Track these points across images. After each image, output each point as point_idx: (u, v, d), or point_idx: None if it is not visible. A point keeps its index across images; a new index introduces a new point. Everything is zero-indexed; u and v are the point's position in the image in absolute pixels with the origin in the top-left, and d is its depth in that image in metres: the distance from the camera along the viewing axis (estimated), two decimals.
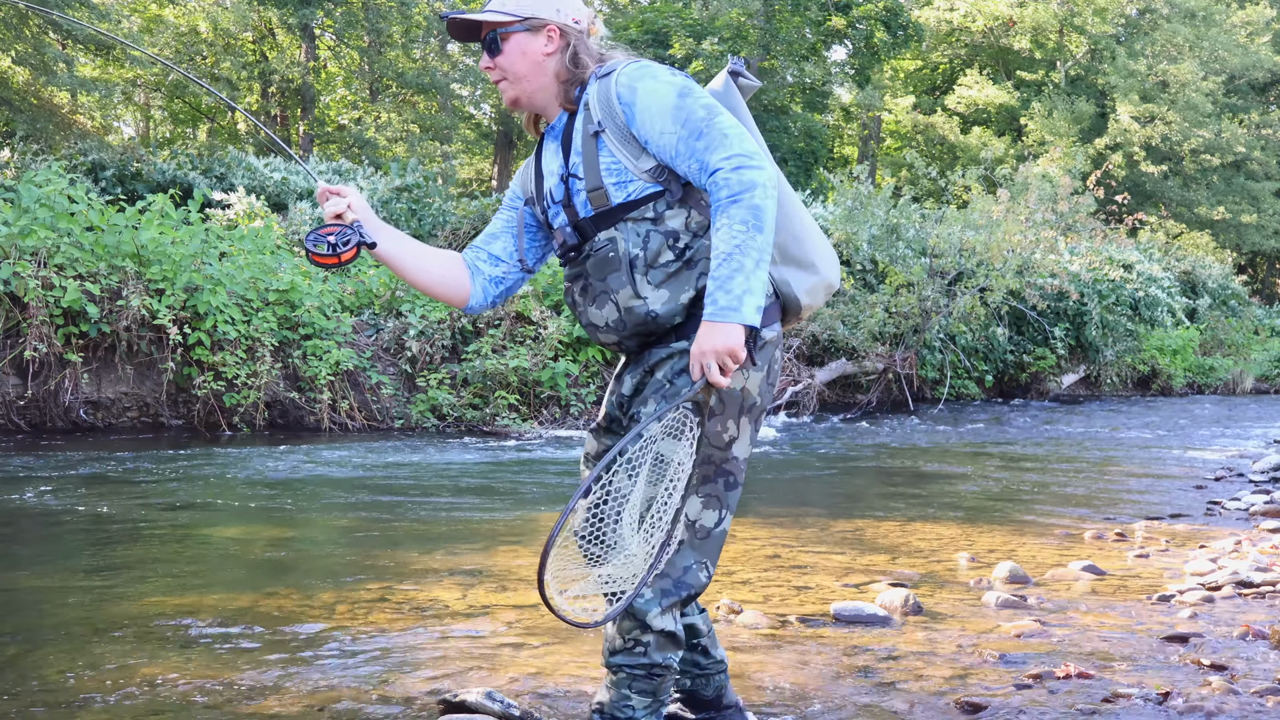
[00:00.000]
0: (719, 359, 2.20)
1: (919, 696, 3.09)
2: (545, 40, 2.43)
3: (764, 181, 2.20)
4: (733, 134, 2.25)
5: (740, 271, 2.17)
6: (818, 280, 2.45)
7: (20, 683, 3.10)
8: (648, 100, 2.31)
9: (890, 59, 31.54)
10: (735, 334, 2.19)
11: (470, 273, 2.62)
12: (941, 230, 16.55)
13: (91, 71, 23.94)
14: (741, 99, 2.49)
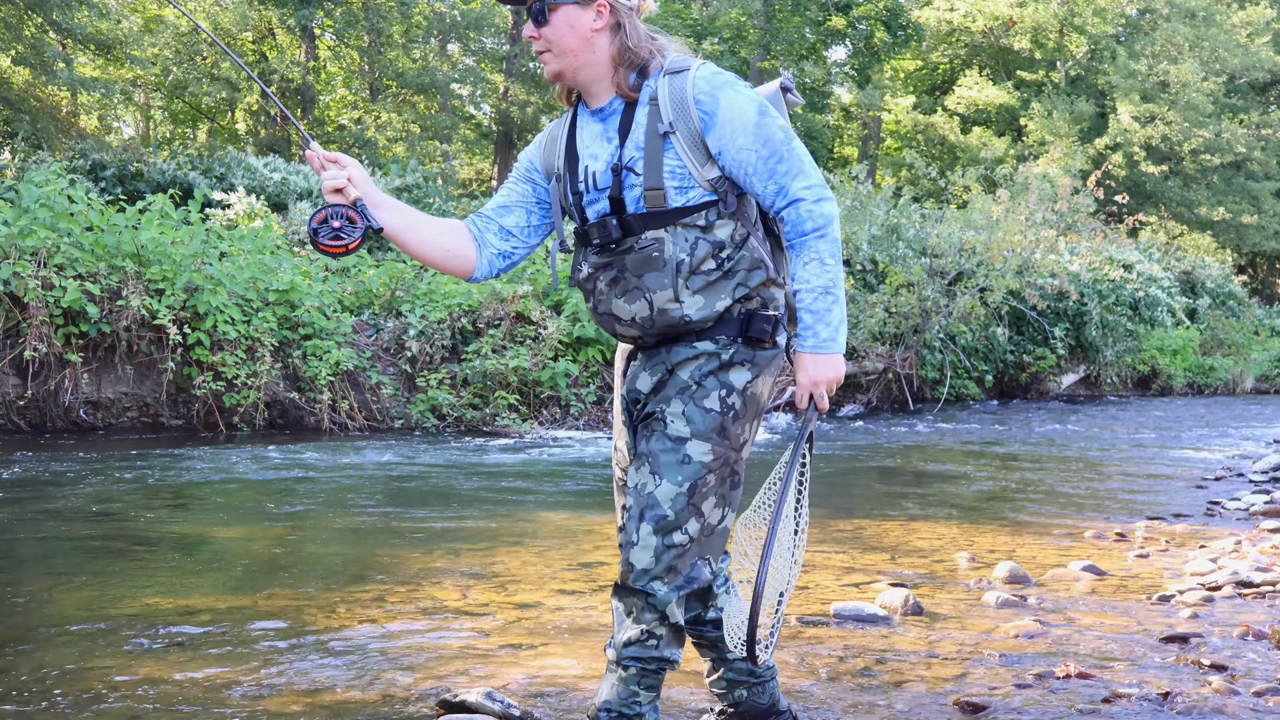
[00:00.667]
0: (829, 387, 2.37)
1: (919, 696, 3.09)
2: (595, 15, 2.36)
3: (837, 215, 2.33)
4: (808, 162, 2.33)
5: (837, 304, 2.33)
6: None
7: (20, 683, 3.10)
8: (731, 113, 2.31)
9: (890, 59, 31.55)
10: (839, 363, 2.36)
11: (476, 244, 2.56)
12: (941, 230, 16.56)
13: (92, 71, 23.94)
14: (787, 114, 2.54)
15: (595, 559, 4.95)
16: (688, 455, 2.37)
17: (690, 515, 2.37)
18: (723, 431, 2.38)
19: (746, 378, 2.40)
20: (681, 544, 2.37)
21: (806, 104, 29.45)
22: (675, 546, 2.36)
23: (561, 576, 4.57)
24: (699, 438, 2.37)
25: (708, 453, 2.37)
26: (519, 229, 2.57)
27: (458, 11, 29.71)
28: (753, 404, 2.41)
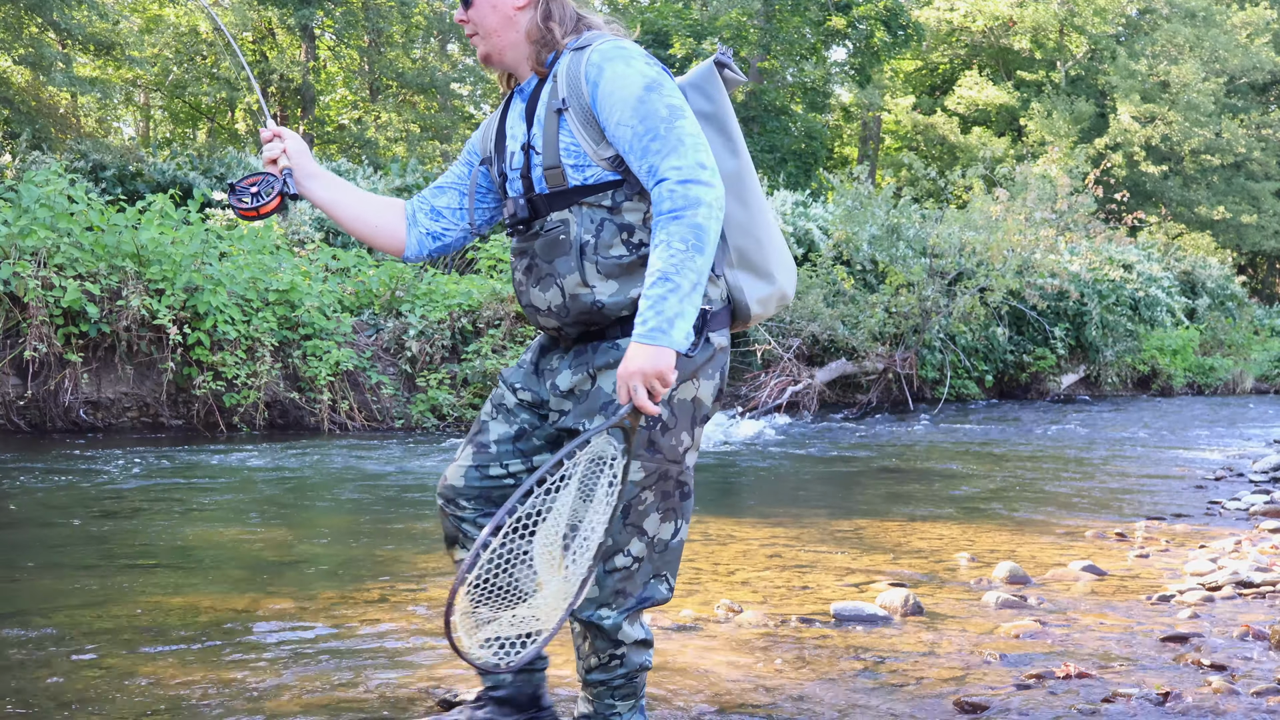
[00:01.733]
0: (647, 382, 2.08)
1: (919, 696, 3.09)
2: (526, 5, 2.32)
3: (710, 200, 2.09)
4: (689, 141, 2.12)
5: (675, 293, 2.06)
6: (773, 291, 2.35)
7: (20, 683, 3.10)
8: (612, 85, 2.18)
9: (890, 59, 31.54)
10: (665, 357, 2.07)
11: (408, 223, 2.52)
12: (941, 230, 16.56)
13: (91, 71, 23.95)
14: (725, 92, 2.34)
15: None
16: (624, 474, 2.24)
17: (631, 536, 2.28)
18: (652, 447, 2.26)
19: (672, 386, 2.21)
20: (625, 567, 2.29)
21: (806, 104, 29.47)
22: (618, 570, 2.29)
23: None
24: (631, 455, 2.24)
25: (638, 470, 2.26)
26: (449, 210, 2.52)
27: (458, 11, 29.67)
28: (686, 411, 2.27)
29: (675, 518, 2.33)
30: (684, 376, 2.24)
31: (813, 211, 19.31)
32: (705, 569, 4.80)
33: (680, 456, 2.30)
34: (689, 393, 2.27)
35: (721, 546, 5.33)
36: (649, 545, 2.30)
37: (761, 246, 2.32)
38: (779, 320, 15.66)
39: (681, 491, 2.32)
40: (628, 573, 2.29)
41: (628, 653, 2.35)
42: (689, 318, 2.07)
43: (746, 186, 2.31)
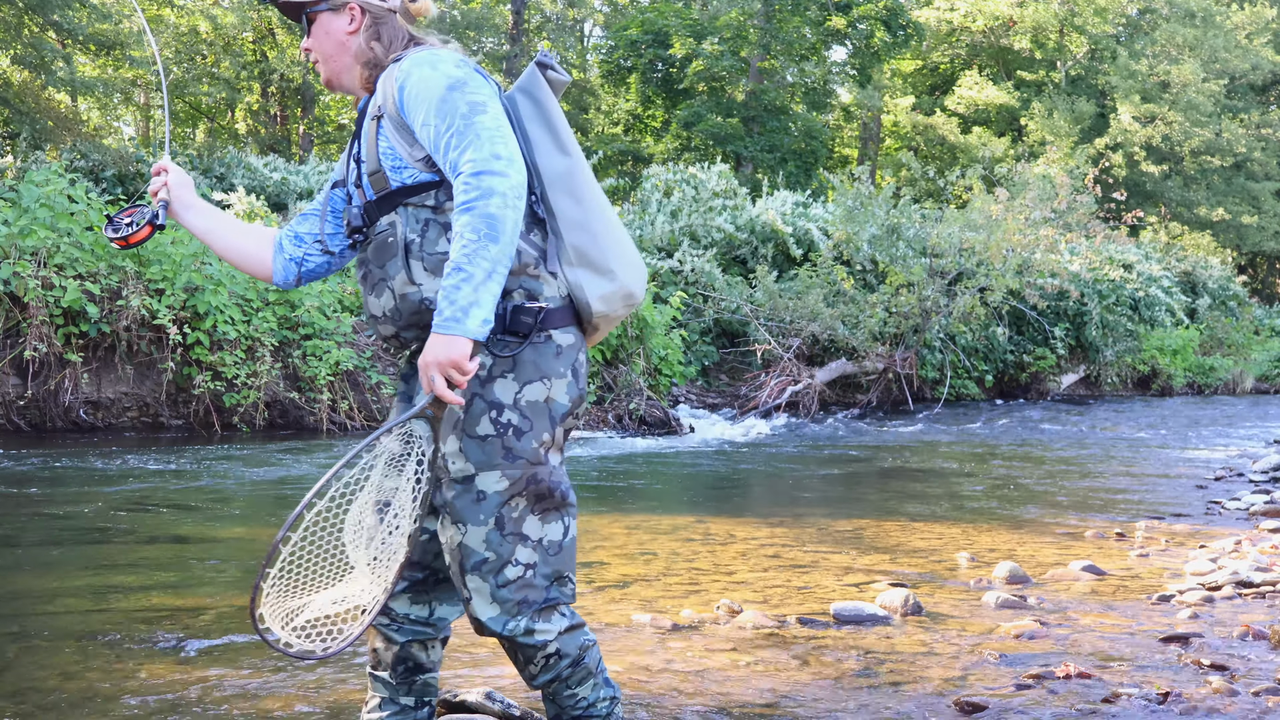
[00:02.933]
0: (444, 371, 2.10)
1: (919, 696, 3.09)
2: (348, 19, 2.37)
3: (504, 190, 2.09)
4: (486, 135, 2.14)
5: (468, 282, 2.08)
6: (614, 288, 2.30)
7: (20, 683, 3.10)
8: (417, 88, 2.23)
9: (890, 59, 31.55)
10: (459, 346, 2.08)
11: (274, 250, 2.58)
12: (941, 230, 16.56)
13: (92, 71, 23.95)
14: (550, 92, 2.34)
15: (595, 559, 4.96)
16: (481, 492, 2.23)
17: (514, 545, 2.25)
18: (509, 453, 2.22)
19: (514, 389, 2.23)
20: (519, 576, 2.25)
21: (806, 104, 29.47)
22: (512, 582, 2.25)
23: None
24: (484, 469, 2.23)
25: (499, 479, 2.23)
26: (309, 236, 2.58)
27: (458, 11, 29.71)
28: (540, 413, 2.25)
29: (559, 517, 2.31)
30: (529, 377, 2.23)
31: (813, 211, 19.31)
32: (705, 569, 4.80)
33: (542, 458, 2.26)
34: (539, 394, 2.25)
35: (721, 546, 5.33)
36: (538, 549, 2.27)
37: (598, 242, 2.29)
38: (779, 320, 15.66)
39: (558, 491, 2.30)
40: (523, 581, 2.26)
41: (559, 645, 2.31)
42: (486, 306, 2.08)
43: (579, 183, 2.30)
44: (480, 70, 2.29)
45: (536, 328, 2.22)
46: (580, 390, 2.33)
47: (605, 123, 32.00)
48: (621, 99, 31.24)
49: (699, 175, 18.44)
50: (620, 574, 4.66)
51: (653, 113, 30.27)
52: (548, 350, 2.25)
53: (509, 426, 2.22)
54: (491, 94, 2.24)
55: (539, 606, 2.28)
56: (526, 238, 2.26)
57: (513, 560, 2.25)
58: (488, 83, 2.27)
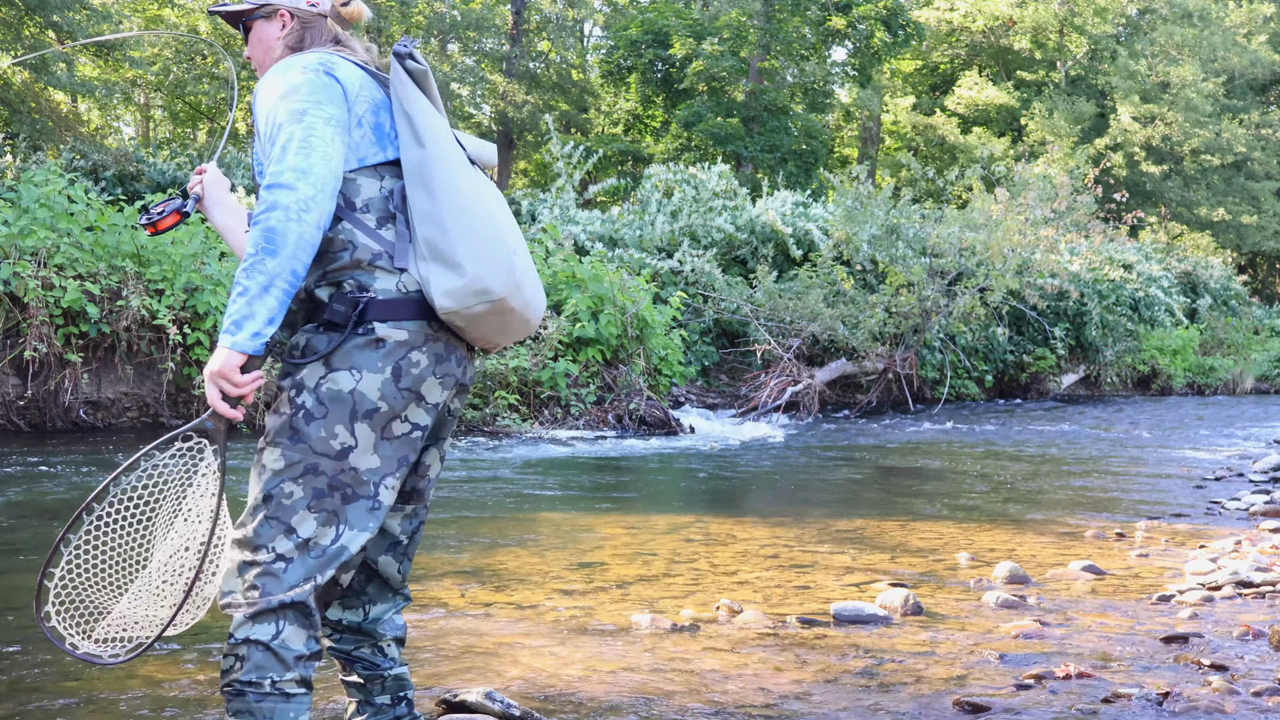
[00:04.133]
0: (215, 382, 2.08)
1: (919, 697, 3.09)
2: (279, 25, 2.38)
3: (287, 203, 2.06)
4: (290, 146, 2.11)
5: (243, 295, 2.06)
6: (461, 284, 2.16)
7: (19, 683, 3.10)
8: (261, 97, 2.24)
9: (890, 59, 31.55)
10: (229, 358, 2.06)
11: None
12: (941, 230, 16.57)
13: (91, 72, 23.96)
14: (407, 83, 2.23)
15: (595, 559, 4.96)
16: (263, 465, 2.17)
17: (276, 532, 2.12)
18: (295, 435, 2.14)
19: (320, 373, 2.15)
20: (265, 563, 2.12)
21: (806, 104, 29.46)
22: (256, 565, 2.12)
23: (562, 576, 4.57)
24: (270, 444, 2.17)
25: (278, 459, 2.15)
26: None
27: (458, 11, 29.72)
28: (341, 404, 2.13)
29: (337, 522, 2.15)
30: (337, 365, 2.14)
31: (813, 211, 19.32)
32: (705, 569, 4.80)
33: (334, 452, 2.13)
34: (345, 384, 2.14)
35: (721, 546, 5.33)
36: (300, 546, 2.13)
37: (449, 236, 2.18)
38: (779, 320, 15.67)
39: (344, 494, 2.14)
40: (268, 569, 2.12)
41: (248, 654, 2.11)
42: (260, 319, 2.06)
43: (432, 174, 2.19)
44: (331, 72, 2.22)
45: (356, 319, 2.14)
46: (403, 393, 2.17)
47: (605, 123, 32.00)
48: (621, 99, 31.24)
49: (699, 175, 18.45)
50: (620, 574, 4.66)
51: (653, 113, 30.27)
52: (364, 342, 2.15)
53: (301, 409, 2.14)
54: (321, 100, 2.17)
55: (267, 606, 2.11)
56: (374, 232, 2.19)
57: (268, 546, 2.12)
58: (330, 86, 2.20)
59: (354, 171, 2.22)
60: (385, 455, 2.17)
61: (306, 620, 2.14)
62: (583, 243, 15.83)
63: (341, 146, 2.16)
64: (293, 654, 2.12)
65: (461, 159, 2.25)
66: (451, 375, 2.24)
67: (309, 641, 2.15)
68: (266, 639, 2.11)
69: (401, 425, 2.18)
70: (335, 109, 2.18)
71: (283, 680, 2.11)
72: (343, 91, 2.21)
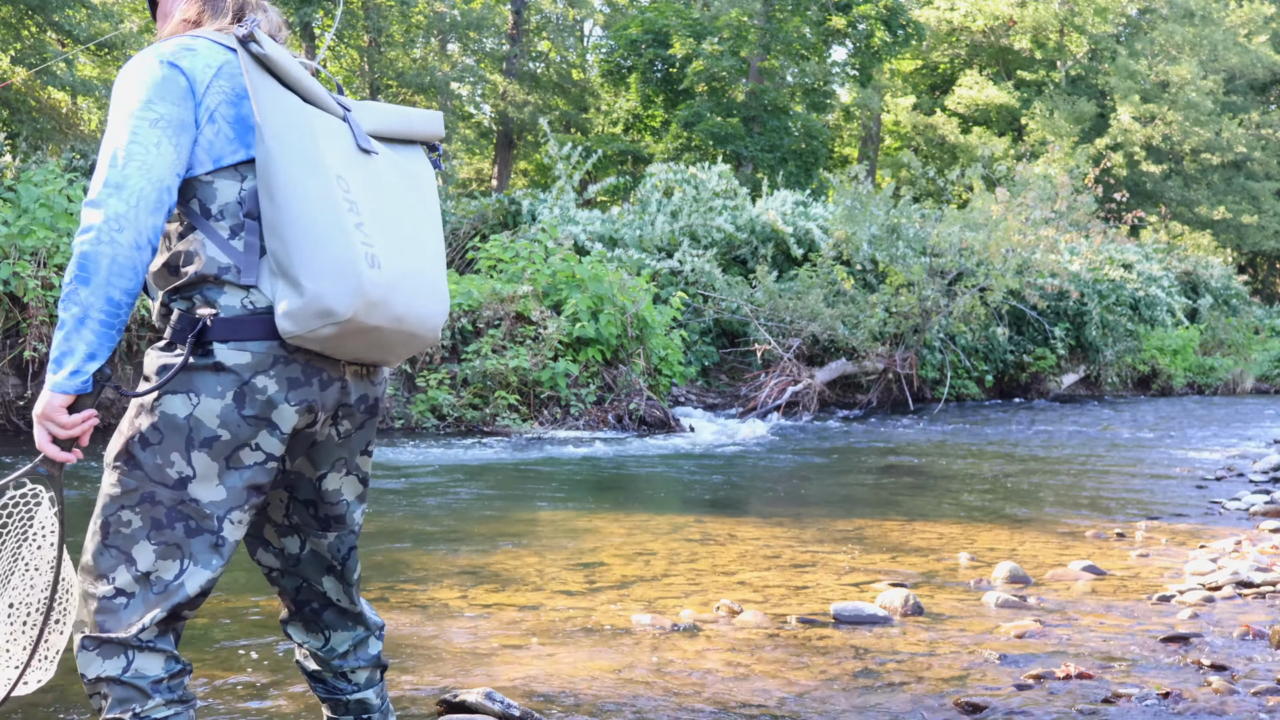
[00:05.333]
0: (41, 424, 1.92)
1: (919, 697, 3.09)
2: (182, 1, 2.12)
3: (97, 223, 1.84)
4: (105, 159, 1.89)
5: (60, 330, 1.87)
6: (300, 303, 1.89)
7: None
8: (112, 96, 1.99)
9: (890, 59, 31.56)
10: (49, 399, 1.89)
11: None
12: (941, 230, 16.57)
13: (92, 71, 23.95)
14: (256, 71, 1.94)
15: (595, 559, 4.96)
16: (103, 488, 2.00)
17: (116, 562, 1.95)
18: (130, 459, 1.96)
19: (156, 394, 1.94)
20: (106, 596, 1.95)
21: (806, 104, 29.46)
22: (96, 598, 1.96)
23: (561, 577, 4.57)
24: (109, 466, 1.99)
25: (115, 484, 1.98)
26: None
27: (458, 11, 29.72)
28: (176, 430, 1.92)
29: (180, 556, 1.95)
30: (174, 388, 1.93)
31: (813, 211, 19.33)
32: (705, 569, 4.80)
33: (171, 481, 1.94)
34: (179, 408, 1.92)
35: (721, 546, 5.33)
36: (140, 579, 1.94)
37: (288, 248, 1.90)
38: (779, 320, 15.67)
39: (186, 526, 1.95)
40: (108, 604, 1.94)
41: (108, 690, 1.94)
42: (78, 355, 1.87)
43: (274, 175, 1.91)
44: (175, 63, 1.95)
45: (194, 339, 1.92)
46: (248, 420, 1.94)
47: (605, 123, 32.00)
48: (621, 99, 31.25)
49: (700, 175, 18.45)
50: (620, 574, 4.66)
51: (653, 113, 30.26)
52: (203, 365, 1.93)
53: (137, 431, 1.96)
54: (152, 98, 1.92)
55: (108, 640, 1.95)
56: (225, 243, 1.95)
57: (109, 576, 1.96)
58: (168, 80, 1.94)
59: (210, 173, 1.95)
60: (231, 486, 1.95)
61: (155, 647, 1.95)
62: (582, 243, 15.83)
63: (171, 150, 1.89)
64: (149, 680, 1.94)
65: (314, 152, 1.93)
66: (310, 400, 1.98)
67: (167, 663, 1.96)
68: (118, 674, 1.93)
69: (252, 454, 1.96)
70: (168, 107, 1.91)
71: (147, 709, 1.93)
72: (188, 84, 1.94)
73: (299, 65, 2.01)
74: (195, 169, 1.95)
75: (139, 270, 1.89)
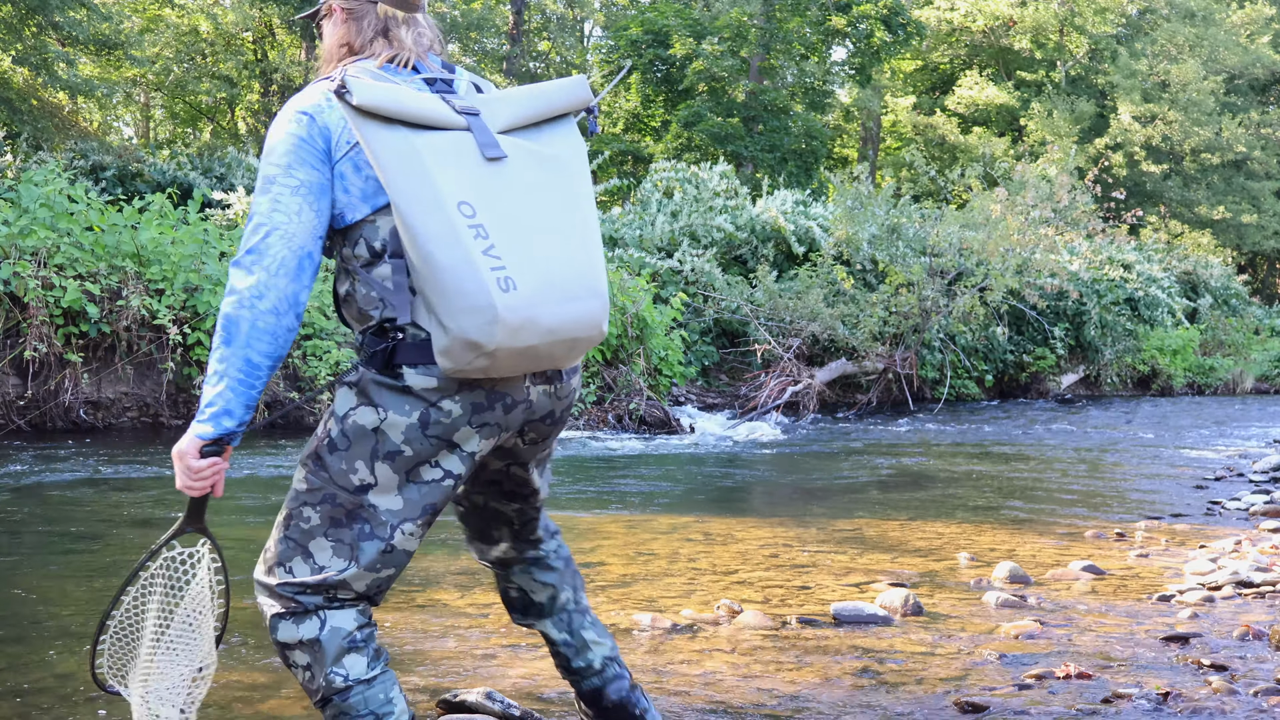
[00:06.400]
0: (176, 460, 2.07)
1: (919, 697, 3.09)
2: (334, 21, 2.21)
3: (241, 288, 1.99)
4: (251, 222, 2.01)
5: (207, 382, 2.04)
6: (447, 342, 1.95)
7: (21, 683, 3.10)
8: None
9: (890, 58, 31.56)
10: (188, 442, 2.04)
11: None
12: (941, 229, 16.57)
13: (92, 70, 23.95)
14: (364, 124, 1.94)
15: (595, 559, 4.96)
16: (293, 483, 2.15)
17: (294, 553, 2.10)
18: (318, 461, 2.09)
19: (351, 403, 2.06)
20: (283, 582, 2.10)
21: (806, 104, 29.48)
22: (270, 583, 2.12)
23: None
24: (301, 463, 2.14)
25: (302, 481, 2.12)
26: None
27: (458, 12, 29.72)
28: (364, 440, 2.04)
29: (348, 556, 2.08)
30: (366, 400, 2.05)
31: (813, 211, 19.33)
32: (705, 569, 4.80)
33: (352, 487, 2.06)
34: (370, 419, 2.04)
35: (721, 546, 5.33)
36: (315, 572, 2.09)
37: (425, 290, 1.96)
38: (779, 320, 15.67)
39: (361, 530, 2.07)
40: (283, 586, 2.11)
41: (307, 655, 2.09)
42: (217, 405, 2.02)
43: (401, 223, 1.94)
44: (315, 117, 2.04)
45: (386, 361, 2.03)
46: (430, 440, 2.04)
47: (605, 123, 31.99)
48: (622, 99, 31.25)
49: (701, 174, 18.45)
50: (620, 574, 4.66)
51: (653, 113, 30.27)
52: (393, 384, 2.03)
53: (327, 436, 2.09)
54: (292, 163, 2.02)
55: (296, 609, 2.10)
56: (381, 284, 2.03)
57: (288, 566, 2.10)
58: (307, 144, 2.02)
59: (373, 214, 2.04)
60: (409, 499, 2.07)
61: (341, 605, 2.11)
62: None
63: (312, 216, 2.01)
64: (344, 636, 2.09)
65: (429, 190, 1.93)
66: (493, 422, 2.07)
67: (356, 617, 2.11)
68: (315, 634, 2.08)
69: (431, 471, 2.07)
70: (308, 172, 2.01)
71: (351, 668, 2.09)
72: (325, 145, 2.03)
73: (405, 91, 1.99)
74: (355, 215, 2.04)
75: (277, 334, 2.01)
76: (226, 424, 2.02)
